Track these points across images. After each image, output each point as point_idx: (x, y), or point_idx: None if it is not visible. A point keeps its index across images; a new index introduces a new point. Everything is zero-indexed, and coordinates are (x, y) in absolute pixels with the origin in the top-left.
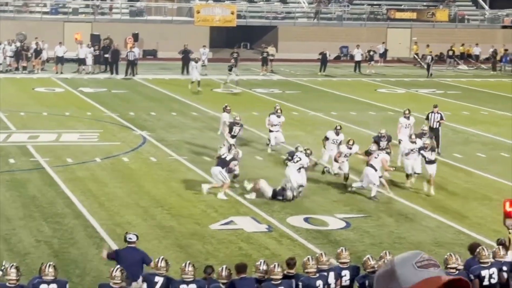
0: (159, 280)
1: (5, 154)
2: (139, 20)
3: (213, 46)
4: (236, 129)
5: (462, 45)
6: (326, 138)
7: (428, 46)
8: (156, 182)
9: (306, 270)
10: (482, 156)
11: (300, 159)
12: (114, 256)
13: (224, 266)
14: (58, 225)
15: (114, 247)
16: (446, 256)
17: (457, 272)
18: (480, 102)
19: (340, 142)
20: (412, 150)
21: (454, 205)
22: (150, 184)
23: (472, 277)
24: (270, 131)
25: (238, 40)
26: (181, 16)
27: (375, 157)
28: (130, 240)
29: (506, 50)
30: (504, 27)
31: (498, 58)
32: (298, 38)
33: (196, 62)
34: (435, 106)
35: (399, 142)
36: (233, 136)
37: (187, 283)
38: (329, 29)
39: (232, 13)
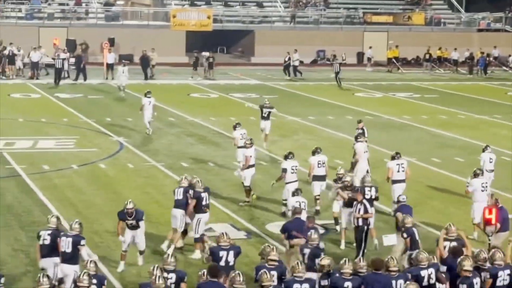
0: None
1: None
2: (115, 24)
3: (189, 51)
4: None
5: (439, 48)
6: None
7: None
8: (133, 189)
9: (294, 274)
10: (460, 161)
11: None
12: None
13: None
14: (35, 233)
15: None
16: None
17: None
18: (457, 106)
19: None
20: None
21: (433, 209)
22: (128, 191)
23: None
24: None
25: (215, 44)
26: (157, 21)
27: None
28: None
29: (482, 53)
30: (480, 30)
31: (474, 61)
32: (275, 42)
33: (124, 66)
34: (359, 122)
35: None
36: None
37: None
38: (306, 33)
39: (208, 17)
